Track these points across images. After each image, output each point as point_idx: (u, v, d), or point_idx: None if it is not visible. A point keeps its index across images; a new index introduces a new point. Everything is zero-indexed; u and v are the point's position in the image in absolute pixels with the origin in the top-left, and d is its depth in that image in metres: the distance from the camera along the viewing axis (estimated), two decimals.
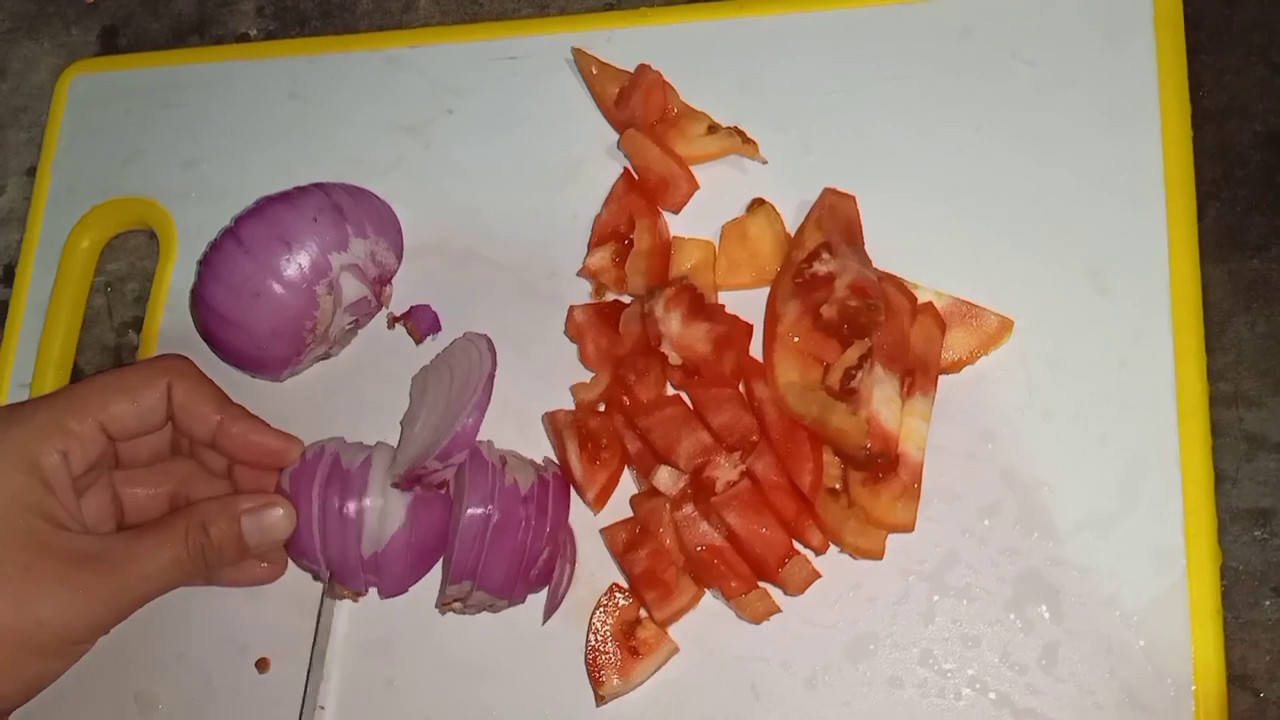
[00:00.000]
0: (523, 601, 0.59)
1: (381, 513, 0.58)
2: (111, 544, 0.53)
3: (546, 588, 0.59)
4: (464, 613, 0.59)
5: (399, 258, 0.65)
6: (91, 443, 0.55)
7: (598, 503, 0.60)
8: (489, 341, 0.60)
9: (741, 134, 0.63)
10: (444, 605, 0.59)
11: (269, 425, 0.60)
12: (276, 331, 0.60)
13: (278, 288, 0.59)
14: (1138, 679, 0.53)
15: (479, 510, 0.56)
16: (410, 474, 0.57)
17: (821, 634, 0.56)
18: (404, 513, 0.58)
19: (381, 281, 0.64)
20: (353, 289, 0.62)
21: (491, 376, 0.57)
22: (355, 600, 0.61)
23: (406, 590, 0.60)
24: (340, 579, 0.59)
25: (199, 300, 0.61)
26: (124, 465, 0.59)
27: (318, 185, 0.63)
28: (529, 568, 0.57)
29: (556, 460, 0.61)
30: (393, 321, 0.66)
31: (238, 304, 0.59)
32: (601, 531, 0.59)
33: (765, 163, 0.63)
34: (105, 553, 0.53)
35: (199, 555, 0.55)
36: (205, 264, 0.61)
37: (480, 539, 0.56)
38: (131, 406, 0.56)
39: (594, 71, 0.66)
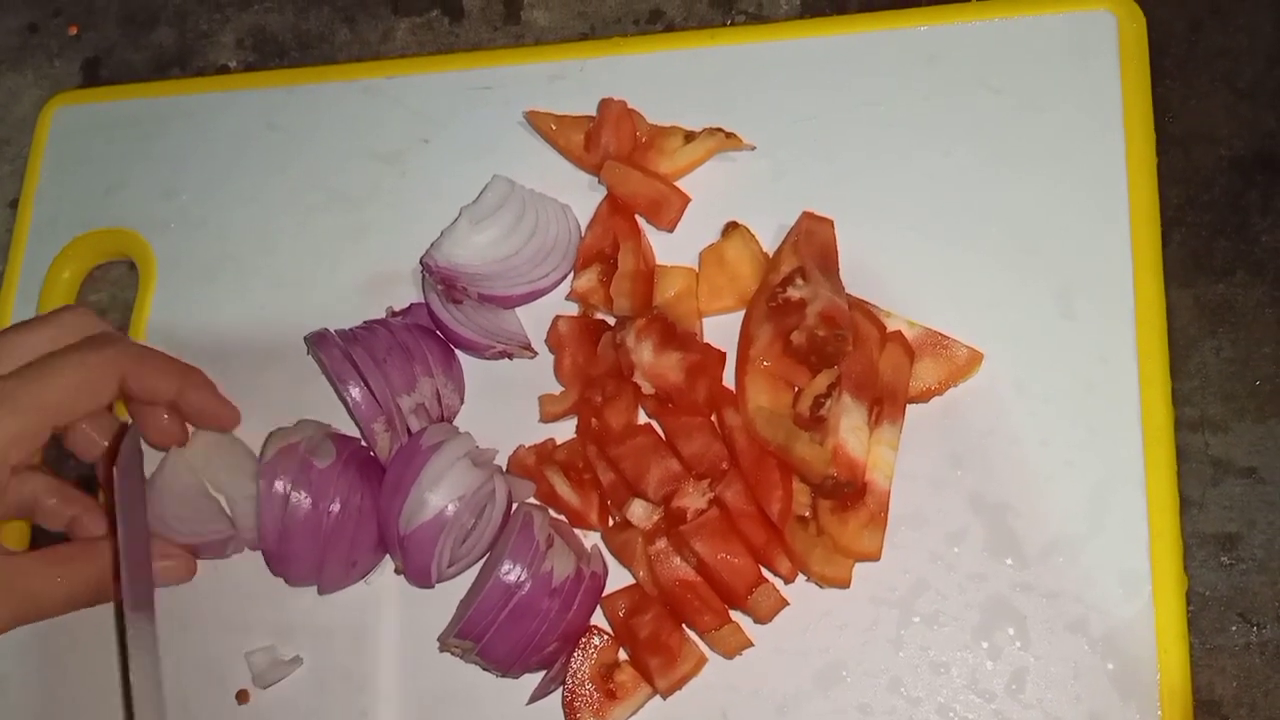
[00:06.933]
0: (517, 679, 0.59)
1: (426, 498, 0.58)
2: (23, 567, 0.58)
3: (544, 673, 0.58)
4: (461, 658, 0.59)
5: None
6: (36, 444, 0.56)
7: (601, 521, 0.60)
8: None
9: (721, 130, 0.63)
10: (445, 648, 0.59)
11: (217, 392, 0.64)
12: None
13: None
14: (1104, 705, 0.53)
15: (506, 580, 0.56)
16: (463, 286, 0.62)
17: (791, 662, 0.56)
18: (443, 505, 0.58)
19: None
20: None
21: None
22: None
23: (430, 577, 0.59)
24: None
25: None
26: None
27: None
28: (532, 655, 0.57)
29: (560, 514, 0.61)
30: None
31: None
32: (601, 602, 0.59)
33: (754, 149, 0.64)
34: (15, 575, 0.57)
35: (95, 594, 0.60)
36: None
37: (497, 612, 0.56)
38: (93, 406, 0.57)
39: (554, 127, 0.66)
